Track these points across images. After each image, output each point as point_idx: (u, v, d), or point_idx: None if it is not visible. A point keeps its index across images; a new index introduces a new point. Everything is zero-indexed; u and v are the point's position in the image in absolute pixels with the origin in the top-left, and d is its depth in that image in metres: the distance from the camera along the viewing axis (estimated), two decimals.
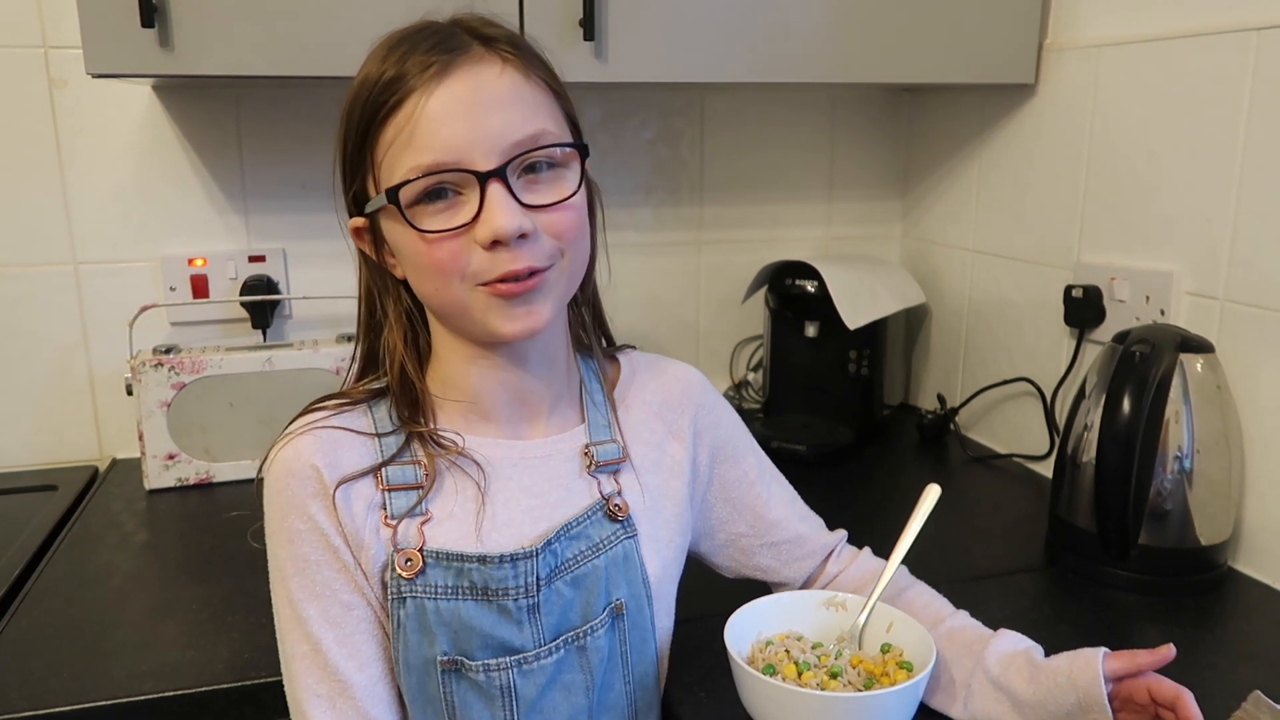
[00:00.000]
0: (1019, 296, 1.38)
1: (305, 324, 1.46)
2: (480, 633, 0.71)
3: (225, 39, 1.04)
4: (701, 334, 1.65)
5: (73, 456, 1.40)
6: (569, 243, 0.71)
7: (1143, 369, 0.95)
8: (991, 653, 0.76)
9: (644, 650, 0.78)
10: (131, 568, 1.08)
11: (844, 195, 1.67)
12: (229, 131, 1.38)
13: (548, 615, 0.73)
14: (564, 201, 0.70)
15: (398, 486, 0.72)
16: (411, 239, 0.69)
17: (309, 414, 0.75)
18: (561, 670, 0.73)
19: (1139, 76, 1.15)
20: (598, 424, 0.80)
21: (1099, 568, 1.01)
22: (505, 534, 0.73)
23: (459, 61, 0.68)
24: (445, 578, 0.71)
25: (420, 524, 0.72)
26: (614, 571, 0.76)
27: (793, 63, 1.23)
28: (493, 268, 0.68)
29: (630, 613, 0.77)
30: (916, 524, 0.82)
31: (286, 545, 0.71)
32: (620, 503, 0.77)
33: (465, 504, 0.74)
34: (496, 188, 0.67)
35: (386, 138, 0.68)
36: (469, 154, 0.67)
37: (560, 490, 0.76)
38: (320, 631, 0.70)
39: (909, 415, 1.60)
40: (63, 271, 1.36)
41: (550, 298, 0.71)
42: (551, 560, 0.73)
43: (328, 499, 0.70)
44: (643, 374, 0.86)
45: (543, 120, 0.70)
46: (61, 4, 1.28)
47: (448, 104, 0.67)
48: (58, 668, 0.88)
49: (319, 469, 0.70)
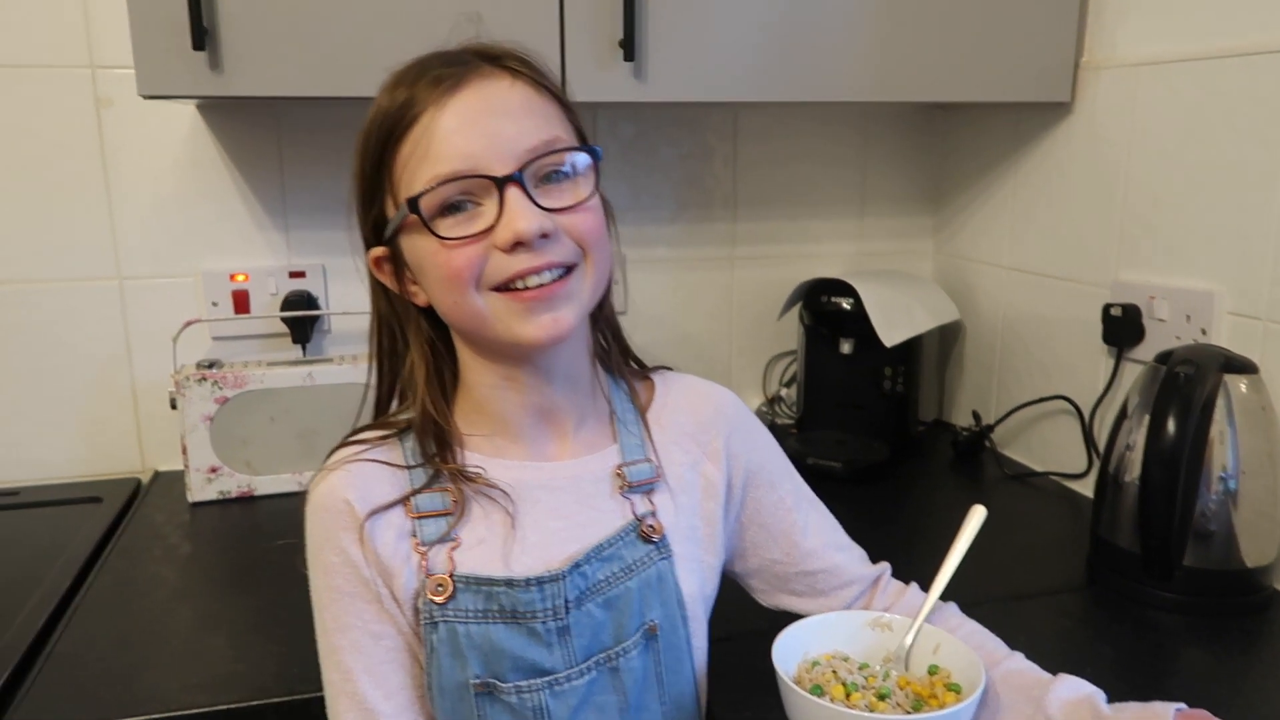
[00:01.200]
0: (1055, 314, 1.38)
1: (344, 339, 1.47)
2: (511, 655, 0.71)
3: (271, 61, 1.06)
4: (734, 349, 1.66)
5: (115, 469, 1.43)
6: (591, 245, 0.71)
7: (1187, 390, 0.95)
8: (1054, 700, 0.72)
9: (680, 671, 0.78)
10: (177, 580, 1.10)
11: (876, 211, 1.67)
12: (270, 149, 1.40)
13: (578, 637, 0.73)
14: (582, 204, 0.71)
15: (427, 514, 0.73)
16: (431, 250, 0.69)
17: (345, 448, 0.76)
18: (594, 691, 0.74)
19: (1178, 96, 1.15)
20: (630, 444, 0.80)
21: (1142, 588, 1.01)
22: (533, 556, 0.73)
23: (469, 76, 0.69)
24: (475, 601, 0.71)
25: (450, 550, 0.73)
26: (648, 593, 0.76)
27: (827, 82, 1.24)
28: (511, 266, 0.68)
29: (665, 634, 0.77)
30: (962, 545, 0.82)
31: (322, 577, 0.73)
32: (654, 523, 0.77)
33: (494, 529, 0.74)
34: (514, 191, 0.68)
35: (403, 155, 0.69)
36: (485, 161, 0.67)
37: (590, 511, 0.77)
38: (350, 660, 0.72)
39: (943, 432, 1.60)
40: (107, 286, 1.38)
41: (574, 303, 0.71)
42: (581, 582, 0.73)
43: (359, 532, 0.72)
44: (676, 394, 0.85)
45: (555, 128, 0.71)
46: (108, 26, 1.31)
47: (461, 115, 0.68)
48: (110, 679, 0.90)
49: (351, 503, 0.72)
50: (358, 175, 0.74)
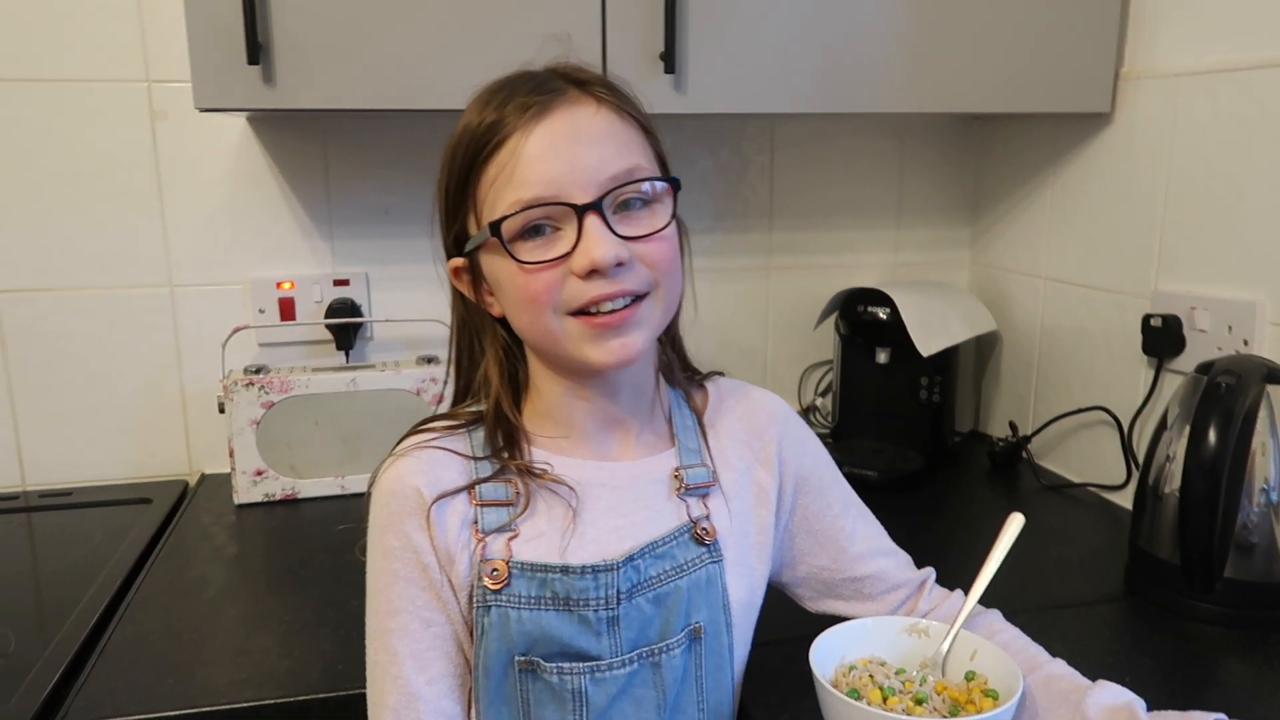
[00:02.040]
0: (1093, 325, 1.37)
1: (386, 346, 1.50)
2: (560, 641, 0.73)
3: (323, 75, 1.09)
4: (769, 359, 1.66)
5: (164, 471, 1.46)
6: (664, 274, 0.74)
7: (1229, 400, 0.94)
8: (1092, 705, 0.73)
9: (720, 677, 0.79)
10: (225, 579, 1.13)
11: (912, 222, 1.68)
12: (317, 160, 1.44)
13: (627, 629, 0.74)
14: (658, 233, 0.73)
15: (490, 503, 0.75)
16: (510, 271, 0.72)
17: (416, 434, 0.78)
18: (633, 683, 0.75)
19: (1219, 105, 1.15)
20: (688, 448, 0.82)
21: (1182, 600, 1.00)
22: (590, 550, 0.75)
23: (556, 102, 0.71)
24: (529, 588, 0.73)
25: (508, 539, 0.74)
26: (695, 594, 0.77)
27: (865, 93, 1.25)
28: (586, 292, 0.70)
29: (709, 637, 0.78)
30: (1000, 552, 0.83)
31: (382, 560, 0.74)
32: (708, 526, 0.79)
33: (554, 523, 0.76)
34: (593, 219, 0.70)
35: (489, 176, 0.71)
36: (566, 188, 0.70)
37: (647, 511, 0.78)
38: (398, 643, 0.73)
39: (980, 443, 1.60)
40: (159, 294, 1.42)
41: (644, 329, 0.73)
42: (634, 575, 0.75)
43: (424, 518, 0.73)
44: (729, 400, 0.87)
45: (636, 156, 0.73)
46: (163, 41, 1.35)
47: (546, 141, 0.70)
48: (162, 674, 0.92)
49: (419, 489, 0.74)
50: (442, 188, 0.76)
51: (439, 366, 1.40)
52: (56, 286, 1.38)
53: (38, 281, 1.38)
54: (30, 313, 1.38)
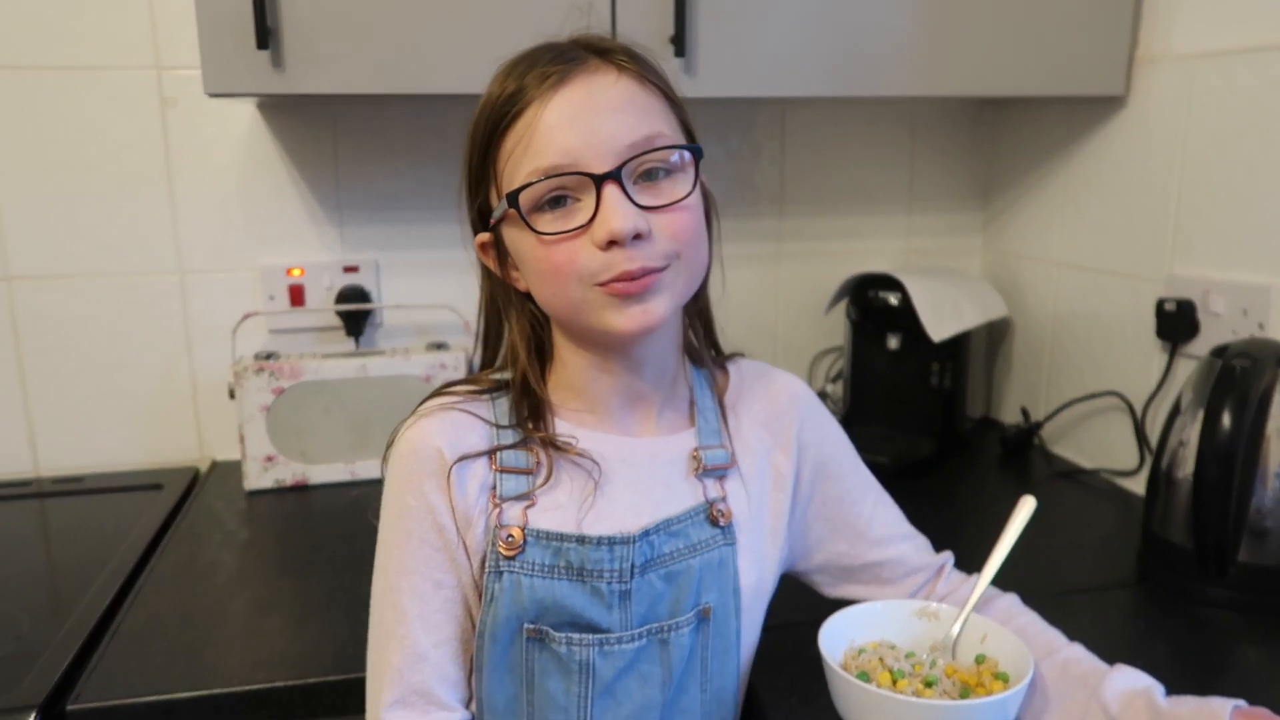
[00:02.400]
0: (1106, 310, 1.36)
1: (396, 332, 1.50)
2: (571, 611, 0.73)
3: (331, 59, 1.09)
4: (780, 345, 1.66)
5: (175, 458, 1.47)
6: (685, 244, 0.72)
7: (1243, 383, 0.93)
8: (1110, 690, 0.73)
9: (725, 660, 0.79)
10: (235, 564, 1.13)
11: (924, 208, 1.67)
12: (326, 147, 1.44)
13: (638, 604, 0.74)
14: (679, 202, 0.71)
15: (510, 469, 0.75)
16: (530, 243, 0.71)
17: (439, 396, 0.78)
18: (640, 659, 0.75)
19: (1234, 87, 1.13)
20: (708, 429, 0.82)
21: (1195, 585, 1.00)
22: (606, 524, 0.75)
23: (576, 71, 0.70)
24: (544, 556, 0.73)
25: (525, 508, 0.74)
26: (707, 575, 0.77)
27: (877, 77, 1.24)
28: (608, 267, 0.69)
29: (717, 620, 0.78)
30: (1012, 534, 0.82)
31: (397, 519, 0.74)
32: (724, 509, 0.79)
33: (573, 495, 0.76)
34: (612, 189, 0.68)
35: (507, 147, 0.71)
36: (584, 157, 0.69)
37: (664, 489, 0.78)
38: (407, 603, 0.73)
39: (991, 429, 1.59)
40: (169, 280, 1.42)
41: (666, 295, 0.71)
42: (648, 550, 0.75)
43: (444, 479, 0.73)
44: (750, 382, 0.87)
45: (657, 124, 0.71)
46: (173, 29, 1.35)
47: (564, 110, 0.69)
48: (174, 655, 0.93)
49: (441, 450, 0.73)
50: (466, 163, 0.75)
51: (449, 353, 1.40)
52: (68, 273, 1.39)
53: (50, 268, 1.38)
54: (43, 300, 1.39)
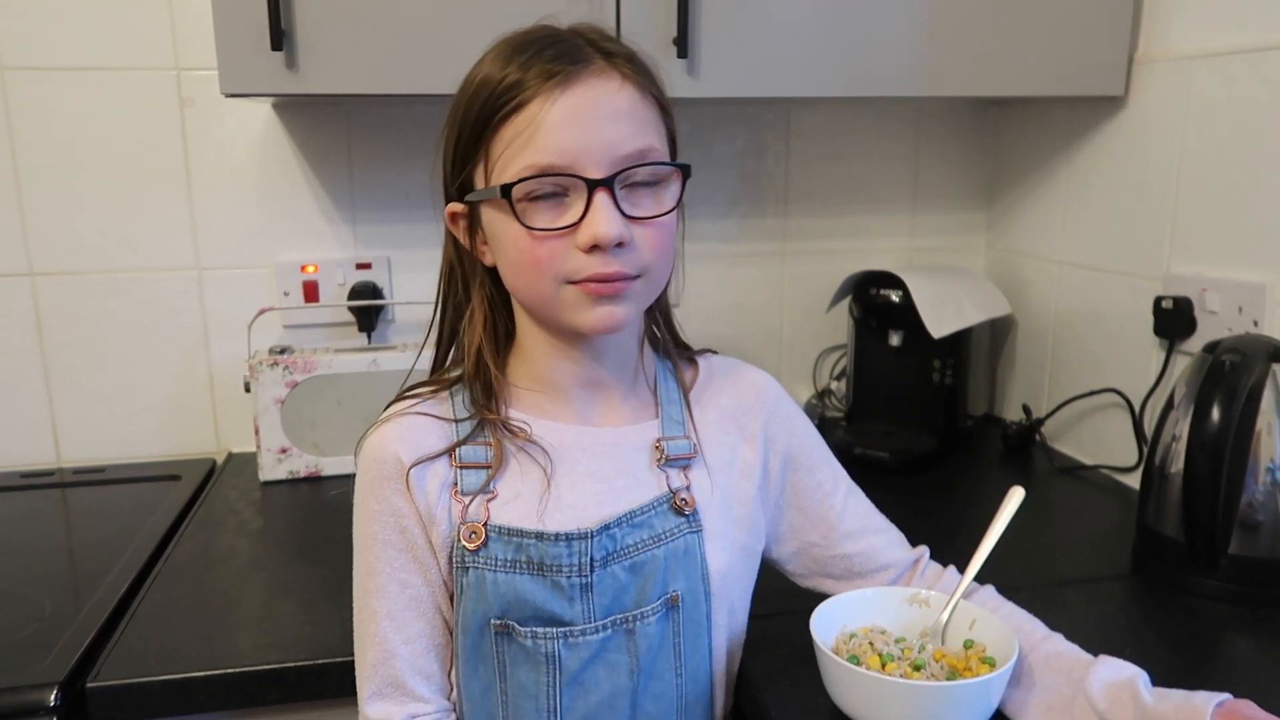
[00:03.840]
0: (1107, 308, 1.38)
1: (407, 328, 1.53)
2: (533, 605, 0.75)
3: (344, 60, 1.12)
4: (784, 343, 1.68)
5: (192, 449, 1.50)
6: (659, 258, 0.75)
7: (1232, 378, 0.95)
8: (1094, 682, 0.73)
9: (698, 645, 0.80)
10: (250, 551, 1.16)
11: (928, 207, 1.68)
12: (340, 146, 1.47)
13: (600, 596, 0.76)
14: (660, 217, 0.75)
15: (469, 465, 0.78)
16: (515, 234, 0.73)
17: (399, 402, 0.82)
18: (607, 649, 0.77)
19: (1233, 88, 1.15)
20: (671, 420, 0.84)
21: (1187, 577, 1.01)
22: (568, 515, 0.77)
23: (582, 73, 0.72)
24: (505, 551, 0.76)
25: (487, 501, 0.77)
26: (673, 563, 0.79)
27: (881, 78, 1.26)
28: (584, 268, 0.72)
29: (686, 606, 0.79)
30: (1000, 525, 0.84)
31: (364, 523, 0.79)
32: (687, 497, 0.80)
33: (531, 485, 0.78)
34: (603, 196, 0.71)
35: (504, 136, 0.72)
36: (581, 161, 0.71)
37: (627, 479, 0.80)
38: (375, 603, 0.78)
39: (993, 426, 1.61)
40: (187, 276, 1.46)
41: (631, 303, 0.75)
42: (609, 544, 0.77)
43: (404, 483, 0.77)
44: (719, 378, 0.89)
45: (651, 137, 0.74)
46: (192, 31, 1.38)
47: (568, 112, 0.71)
48: (189, 637, 0.96)
49: (398, 455, 0.77)
50: (453, 135, 0.76)
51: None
52: (90, 270, 1.43)
53: (72, 265, 1.42)
54: (65, 295, 1.42)
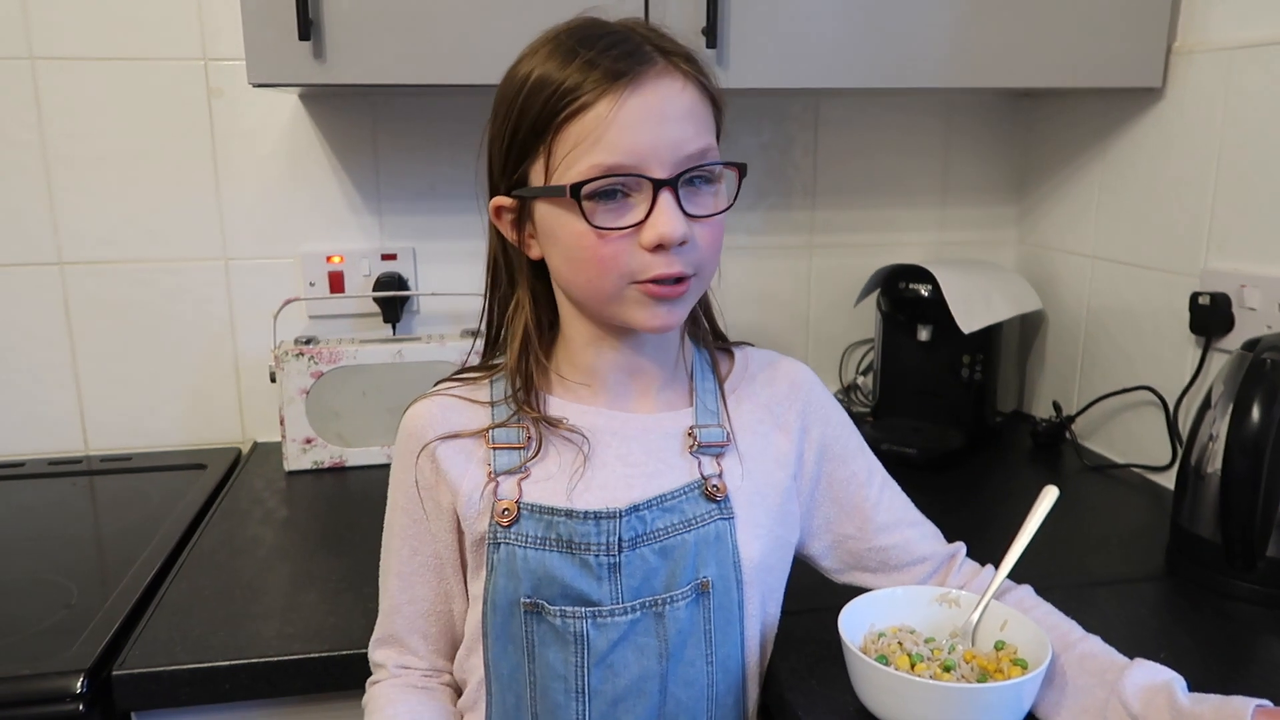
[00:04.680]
0: (1141, 304, 1.35)
1: (432, 319, 1.53)
2: (562, 583, 0.76)
3: (370, 51, 1.12)
4: (811, 336, 1.66)
5: (218, 438, 1.51)
6: (709, 256, 0.77)
7: (1274, 377, 0.93)
8: (1129, 685, 0.72)
9: (729, 632, 0.80)
10: (275, 541, 1.17)
11: (958, 200, 1.66)
12: (366, 137, 1.47)
13: (629, 577, 0.77)
14: (717, 215, 0.76)
15: (503, 446, 0.80)
16: (579, 231, 0.73)
17: (444, 382, 0.85)
18: (635, 631, 0.77)
19: (1273, 79, 1.12)
20: (705, 408, 0.84)
21: (1222, 579, 0.99)
22: (597, 495, 0.78)
23: (648, 73, 0.72)
24: (536, 529, 0.77)
25: (519, 480, 0.79)
26: (704, 549, 0.79)
27: (912, 68, 1.24)
28: (648, 268, 0.74)
29: (717, 593, 0.79)
30: (1034, 523, 0.83)
31: (393, 488, 0.85)
32: (719, 484, 0.80)
33: (564, 467, 0.80)
34: (667, 196, 0.72)
35: (569, 136, 0.72)
36: (647, 161, 0.72)
37: (658, 464, 0.81)
38: (391, 561, 0.84)
39: (1022, 423, 1.58)
40: (214, 266, 1.46)
41: (686, 302, 0.78)
42: (639, 525, 0.77)
43: (430, 457, 0.80)
44: (755, 368, 0.89)
45: (709, 137, 0.76)
46: (220, 21, 1.38)
47: (638, 113, 0.71)
48: (214, 626, 0.96)
49: (426, 429, 0.81)
50: (505, 131, 0.76)
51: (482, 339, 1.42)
52: (119, 259, 1.43)
53: (101, 254, 1.43)
54: (94, 284, 1.43)
